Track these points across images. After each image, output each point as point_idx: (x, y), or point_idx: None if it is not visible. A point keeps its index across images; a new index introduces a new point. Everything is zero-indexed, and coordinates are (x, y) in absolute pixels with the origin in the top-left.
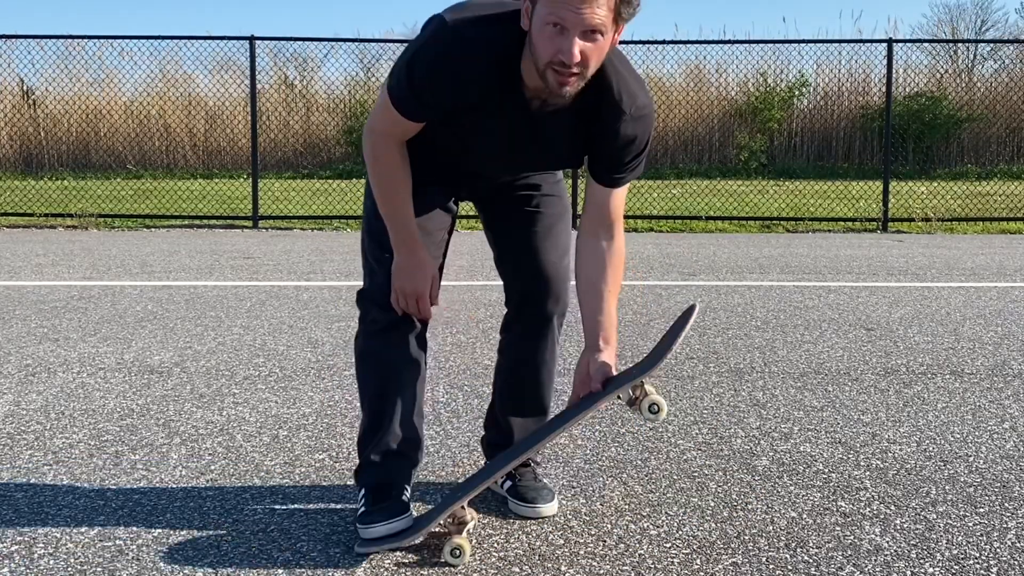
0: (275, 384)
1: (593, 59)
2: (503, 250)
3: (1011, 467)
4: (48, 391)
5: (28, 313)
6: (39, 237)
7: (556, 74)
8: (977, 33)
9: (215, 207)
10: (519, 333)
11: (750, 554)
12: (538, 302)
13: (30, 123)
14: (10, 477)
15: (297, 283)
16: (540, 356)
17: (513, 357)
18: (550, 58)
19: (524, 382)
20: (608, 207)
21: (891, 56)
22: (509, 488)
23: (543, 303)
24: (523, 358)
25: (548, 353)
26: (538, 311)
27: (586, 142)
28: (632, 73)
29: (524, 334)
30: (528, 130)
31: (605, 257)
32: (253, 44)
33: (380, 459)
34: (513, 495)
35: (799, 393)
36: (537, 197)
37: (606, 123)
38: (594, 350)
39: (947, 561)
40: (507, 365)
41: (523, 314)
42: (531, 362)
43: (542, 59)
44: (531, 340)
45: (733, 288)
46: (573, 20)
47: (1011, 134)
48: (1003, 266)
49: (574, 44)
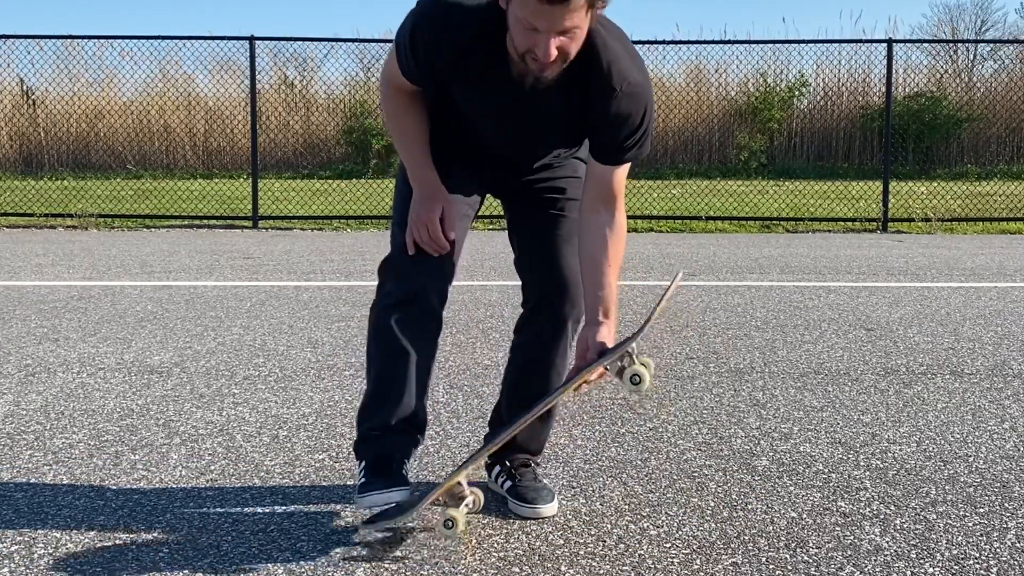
0: (275, 384)
1: (573, 47)
2: (524, 251)
3: (1011, 467)
4: (48, 391)
5: (28, 313)
6: (39, 237)
7: (535, 62)
8: (977, 33)
9: (215, 207)
10: (532, 334)
11: (750, 554)
12: (554, 304)
13: (30, 123)
14: (10, 477)
15: (297, 283)
16: (551, 358)
17: (524, 358)
18: (526, 50)
19: (532, 383)
20: (609, 184)
21: (891, 56)
22: (509, 488)
23: (559, 306)
24: (534, 359)
25: (559, 356)
26: (553, 313)
27: (584, 118)
28: (627, 48)
29: (538, 334)
30: (522, 105)
31: (606, 232)
32: (253, 44)
33: (380, 433)
34: (513, 495)
35: (799, 393)
36: (562, 201)
37: (597, 100)
38: (594, 324)
39: (947, 561)
40: (517, 365)
41: (538, 315)
42: (541, 363)
43: (519, 48)
44: (544, 341)
45: (733, 288)
46: (547, 26)
47: (1011, 134)
48: (1003, 266)
49: (550, 44)
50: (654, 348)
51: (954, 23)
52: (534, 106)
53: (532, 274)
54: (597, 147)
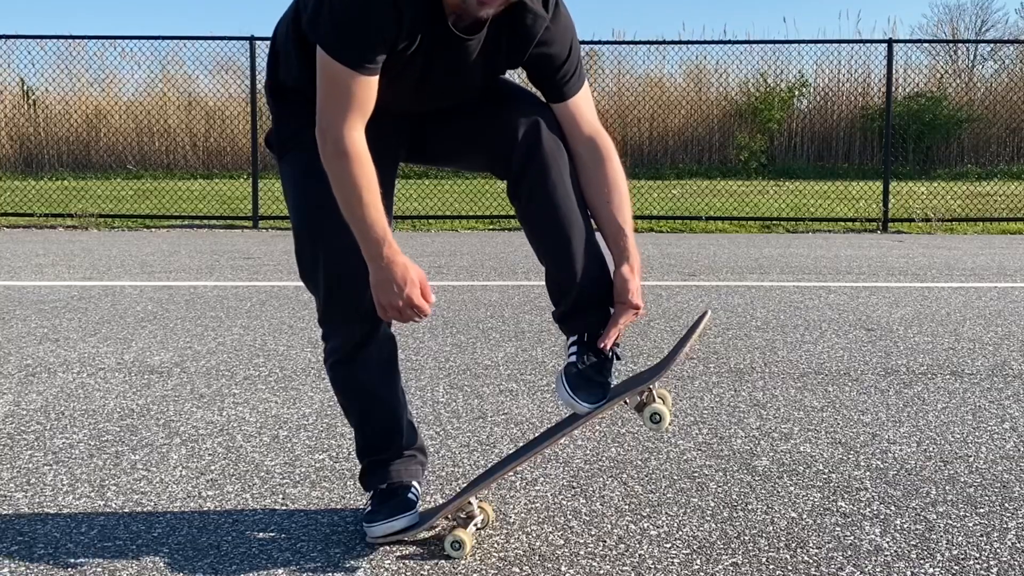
0: (275, 384)
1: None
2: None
3: (1011, 467)
4: (48, 391)
5: (28, 313)
6: (39, 237)
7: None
8: (977, 33)
9: (215, 207)
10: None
11: (750, 554)
12: (523, 152)
13: (30, 123)
14: (10, 477)
15: (297, 283)
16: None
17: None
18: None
19: (557, 220)
20: (577, 122)
21: (891, 56)
22: (565, 366)
23: (528, 151)
24: (545, 200)
25: (562, 184)
26: (530, 158)
27: (508, 63)
28: None
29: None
30: (453, 56)
31: (596, 176)
32: (253, 44)
33: (380, 464)
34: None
35: (799, 393)
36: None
37: (528, 33)
38: (619, 265)
39: (947, 561)
40: (529, 211)
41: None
42: (553, 200)
43: None
44: (539, 184)
45: (733, 288)
46: None
47: (1011, 134)
48: (1003, 266)
49: None
50: (655, 349)
51: (954, 23)
52: (462, 61)
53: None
54: (545, 85)
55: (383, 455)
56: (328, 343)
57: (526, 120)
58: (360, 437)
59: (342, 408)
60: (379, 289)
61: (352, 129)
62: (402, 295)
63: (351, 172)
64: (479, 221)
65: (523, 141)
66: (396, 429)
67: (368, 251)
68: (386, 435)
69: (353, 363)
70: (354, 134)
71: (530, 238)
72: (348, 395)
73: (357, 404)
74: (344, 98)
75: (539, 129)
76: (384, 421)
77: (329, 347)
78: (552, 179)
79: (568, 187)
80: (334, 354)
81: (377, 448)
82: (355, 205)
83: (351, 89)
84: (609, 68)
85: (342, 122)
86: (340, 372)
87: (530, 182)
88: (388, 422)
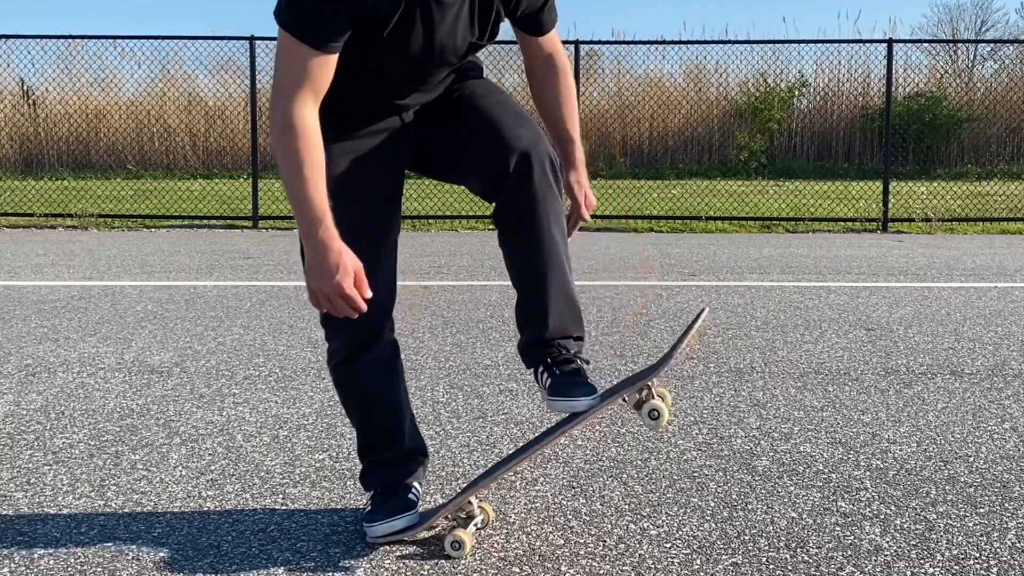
0: (275, 384)
1: None
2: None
3: (1011, 467)
4: (48, 391)
5: (28, 313)
6: (39, 237)
7: None
8: (977, 33)
9: (215, 207)
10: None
11: (750, 554)
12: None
13: (30, 123)
14: (10, 477)
15: (297, 283)
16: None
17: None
18: None
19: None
20: (541, 48)
21: (891, 56)
22: (550, 385)
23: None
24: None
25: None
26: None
27: (483, 20)
28: None
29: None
30: (437, 24)
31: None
32: (253, 44)
33: (381, 464)
34: (550, 391)
35: (799, 393)
36: (457, 88)
37: None
38: (569, 167)
39: (947, 561)
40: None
41: (502, 184)
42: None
43: None
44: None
45: (733, 288)
46: None
47: (1011, 134)
48: (1003, 266)
49: None
50: (655, 349)
51: (954, 23)
52: (447, 17)
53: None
54: (521, 23)
55: (383, 455)
56: (331, 344)
57: (519, 146)
58: (361, 437)
59: (344, 408)
60: (310, 273)
61: (302, 105)
62: (332, 282)
63: (295, 147)
64: (479, 221)
65: (515, 171)
66: (397, 430)
67: (302, 229)
68: (387, 436)
69: (355, 364)
70: (304, 110)
71: (508, 265)
72: (350, 396)
73: (358, 405)
74: (297, 73)
75: (530, 160)
76: (385, 422)
77: (332, 348)
78: (539, 213)
79: (552, 225)
80: (336, 355)
81: (378, 448)
82: (295, 180)
83: (304, 65)
84: (609, 68)
85: (293, 97)
86: (342, 373)
87: (517, 211)
88: (389, 423)
